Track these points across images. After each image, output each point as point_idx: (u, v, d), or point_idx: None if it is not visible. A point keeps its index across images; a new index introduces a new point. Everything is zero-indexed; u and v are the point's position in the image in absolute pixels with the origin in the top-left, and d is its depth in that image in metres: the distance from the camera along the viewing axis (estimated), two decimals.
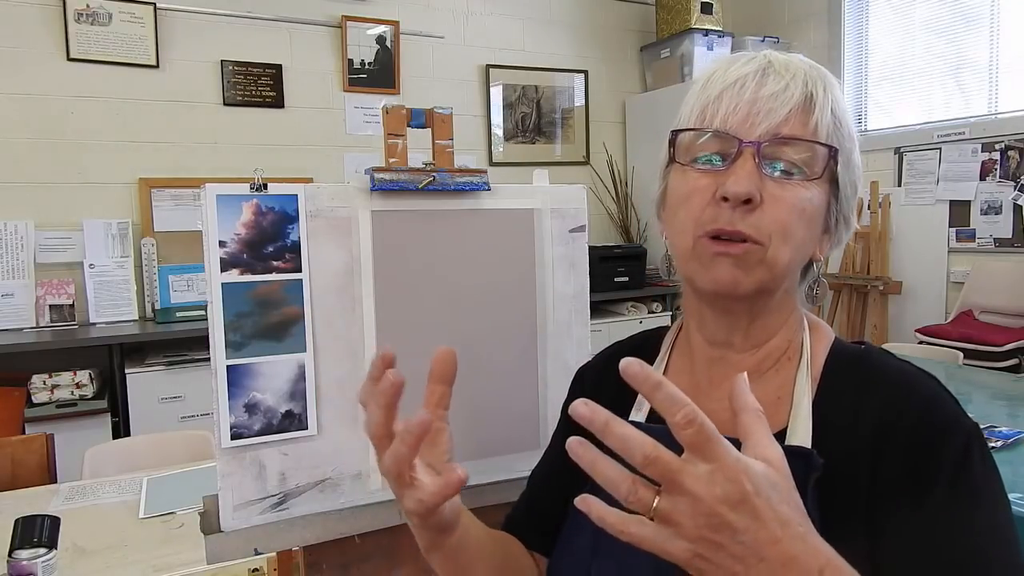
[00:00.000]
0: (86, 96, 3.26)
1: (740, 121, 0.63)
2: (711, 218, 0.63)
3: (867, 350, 0.68)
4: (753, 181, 0.61)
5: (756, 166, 0.62)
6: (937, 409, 0.61)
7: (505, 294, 0.98)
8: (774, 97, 0.62)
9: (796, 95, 0.63)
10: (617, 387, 0.77)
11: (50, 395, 2.80)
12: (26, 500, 1.62)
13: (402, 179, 0.90)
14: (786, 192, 0.62)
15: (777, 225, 0.62)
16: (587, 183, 4.31)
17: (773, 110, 0.62)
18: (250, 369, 0.85)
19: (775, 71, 0.64)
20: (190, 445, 2.06)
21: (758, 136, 0.62)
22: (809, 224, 0.64)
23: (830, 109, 0.64)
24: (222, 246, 0.83)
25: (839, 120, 0.65)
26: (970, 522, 0.56)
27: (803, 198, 0.63)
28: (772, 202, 0.62)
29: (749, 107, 0.63)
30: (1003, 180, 3.59)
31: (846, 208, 0.67)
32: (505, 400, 0.97)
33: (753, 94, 0.63)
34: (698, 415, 0.45)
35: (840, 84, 0.68)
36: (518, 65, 4.31)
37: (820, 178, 0.63)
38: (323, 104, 3.77)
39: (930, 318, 3.80)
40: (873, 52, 4.21)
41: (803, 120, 0.63)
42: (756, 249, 0.62)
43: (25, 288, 3.11)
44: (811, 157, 0.63)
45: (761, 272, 0.63)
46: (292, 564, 0.92)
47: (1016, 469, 1.54)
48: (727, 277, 0.63)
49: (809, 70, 0.65)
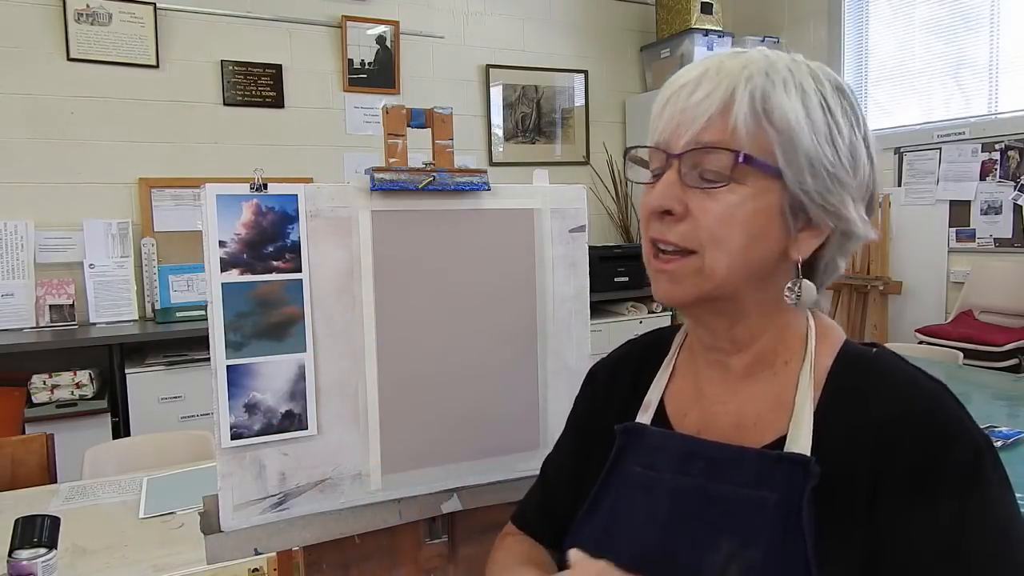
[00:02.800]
0: (86, 96, 3.26)
1: (671, 133, 0.64)
2: (652, 230, 0.66)
3: (878, 354, 0.66)
4: (672, 192, 0.63)
5: (677, 178, 0.63)
6: (945, 419, 0.59)
7: (505, 294, 0.98)
8: (697, 105, 0.62)
9: (715, 100, 0.61)
10: (628, 387, 0.78)
11: (50, 395, 2.79)
12: (26, 500, 1.62)
13: (402, 179, 0.90)
14: (714, 201, 0.62)
15: (707, 233, 0.62)
16: (587, 183, 4.31)
17: (695, 118, 0.62)
18: (250, 369, 0.85)
19: (709, 77, 0.62)
20: (190, 445, 2.05)
21: (681, 147, 0.63)
22: (746, 228, 0.62)
23: (747, 107, 0.61)
24: (222, 246, 0.83)
25: (768, 113, 0.61)
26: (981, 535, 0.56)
27: (731, 203, 0.61)
28: (701, 212, 0.62)
29: (679, 117, 0.63)
30: (1003, 180, 3.59)
31: (817, 198, 0.62)
32: (505, 400, 0.97)
33: (684, 103, 0.63)
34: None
35: None
36: (518, 65, 4.31)
37: (730, 183, 0.61)
38: (323, 104, 3.77)
39: (930, 318, 3.80)
40: (873, 52, 4.21)
41: (721, 125, 0.61)
42: (691, 259, 0.63)
43: (25, 288, 3.11)
44: (722, 163, 0.61)
45: (698, 281, 0.63)
46: (292, 564, 0.92)
47: (1016, 469, 1.54)
48: (663, 291, 0.66)
49: (743, 70, 0.62)
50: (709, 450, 0.66)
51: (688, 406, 0.73)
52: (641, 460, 0.70)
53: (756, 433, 0.66)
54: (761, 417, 0.67)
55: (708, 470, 0.65)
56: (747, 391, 0.69)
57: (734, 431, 0.67)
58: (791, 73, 0.63)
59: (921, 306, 3.91)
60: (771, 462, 0.62)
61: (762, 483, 0.61)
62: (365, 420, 0.90)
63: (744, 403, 0.68)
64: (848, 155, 0.63)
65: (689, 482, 0.65)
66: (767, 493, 0.61)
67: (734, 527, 0.61)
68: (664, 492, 0.67)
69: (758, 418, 0.67)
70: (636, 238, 4.43)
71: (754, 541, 0.60)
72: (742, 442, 0.66)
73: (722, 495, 0.63)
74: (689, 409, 0.72)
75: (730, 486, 0.63)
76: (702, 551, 0.62)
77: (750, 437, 0.66)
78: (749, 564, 0.59)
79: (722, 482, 0.64)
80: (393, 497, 0.92)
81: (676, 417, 0.73)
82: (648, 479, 0.68)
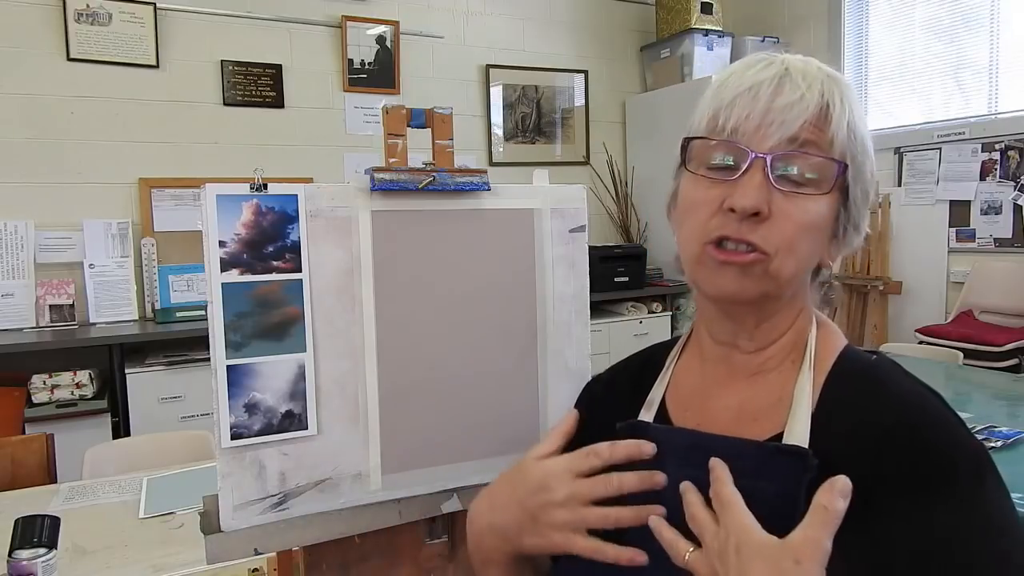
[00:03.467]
0: (86, 96, 3.26)
1: (752, 130, 0.62)
2: (718, 226, 0.63)
3: (879, 361, 0.67)
4: (762, 194, 0.61)
5: (765, 179, 0.61)
6: (947, 430, 0.60)
7: (505, 294, 0.98)
8: (789, 107, 0.61)
9: (811, 106, 0.61)
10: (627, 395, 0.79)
11: (50, 395, 2.80)
12: (26, 500, 1.62)
13: (402, 179, 0.90)
14: (795, 206, 0.62)
15: (784, 239, 0.62)
16: (587, 183, 4.31)
17: (787, 121, 0.61)
18: (250, 369, 0.84)
19: (791, 79, 0.62)
20: (190, 445, 2.06)
21: (769, 148, 0.61)
22: (816, 236, 0.64)
23: (847, 122, 0.63)
24: (222, 246, 0.83)
25: (854, 132, 0.64)
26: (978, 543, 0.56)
27: (811, 211, 0.62)
28: (781, 216, 0.62)
29: (762, 116, 0.62)
30: (1003, 180, 3.59)
31: (856, 216, 0.66)
32: (505, 400, 0.97)
33: (767, 103, 0.62)
34: (728, 494, 0.59)
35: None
36: (518, 65, 4.31)
37: (830, 191, 0.63)
38: (323, 104, 3.77)
39: (930, 318, 3.80)
40: (873, 52, 4.21)
41: (817, 132, 0.62)
42: (762, 259, 0.62)
43: (25, 288, 3.11)
44: (821, 171, 0.62)
45: (765, 282, 0.63)
46: (292, 564, 0.92)
47: (1016, 469, 1.54)
48: (732, 285, 0.64)
49: (827, 79, 0.64)
50: (710, 442, 0.67)
51: (689, 402, 0.74)
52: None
53: (757, 427, 0.67)
54: (762, 412, 0.68)
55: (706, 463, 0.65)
56: (751, 389, 0.69)
57: (734, 425, 0.68)
58: (853, 88, 0.66)
59: (921, 306, 3.91)
60: (770, 454, 0.63)
61: (761, 474, 0.62)
62: (365, 420, 0.90)
63: (746, 400, 0.69)
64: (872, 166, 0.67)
65: (690, 474, 0.66)
66: (765, 484, 0.61)
67: None
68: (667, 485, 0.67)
69: (758, 413, 0.68)
70: (636, 238, 4.43)
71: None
72: (741, 436, 0.66)
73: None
74: (689, 405, 0.73)
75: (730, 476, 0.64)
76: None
77: (750, 431, 0.67)
78: None
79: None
80: (393, 497, 0.92)
81: (676, 413, 0.74)
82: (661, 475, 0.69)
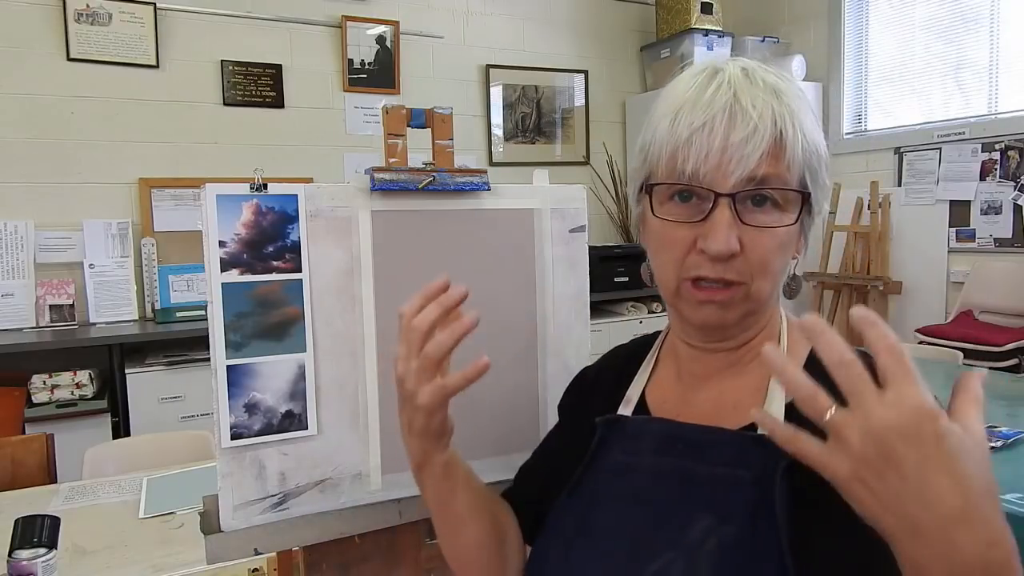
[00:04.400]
0: (86, 96, 3.26)
1: (712, 169, 0.62)
2: (693, 265, 0.65)
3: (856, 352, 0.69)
4: (732, 233, 0.62)
5: (733, 217, 0.62)
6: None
7: (505, 294, 0.98)
8: (744, 142, 0.61)
9: (766, 137, 0.62)
10: (611, 387, 0.80)
11: (50, 395, 2.79)
12: (26, 500, 1.62)
13: (402, 179, 0.90)
14: (765, 236, 0.63)
15: (759, 266, 0.64)
16: (587, 183, 4.31)
17: (744, 157, 0.61)
18: (250, 369, 0.85)
19: (742, 110, 0.62)
20: (190, 445, 2.05)
21: (732, 186, 0.62)
22: (787, 251, 0.66)
23: (800, 145, 0.63)
24: (222, 246, 0.83)
25: (809, 149, 0.64)
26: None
27: (780, 235, 0.64)
28: (752, 248, 0.63)
29: (720, 155, 0.62)
30: (1003, 180, 3.59)
31: (817, 208, 0.68)
32: (505, 400, 0.97)
33: (723, 140, 0.62)
34: (901, 349, 0.45)
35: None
36: (518, 65, 4.30)
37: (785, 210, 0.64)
38: (323, 104, 3.77)
39: (930, 318, 3.80)
40: (873, 52, 4.21)
41: (774, 162, 0.63)
42: (739, 289, 0.65)
43: (25, 288, 3.11)
44: (785, 202, 0.64)
45: (746, 305, 0.66)
46: (292, 564, 0.92)
47: (1016, 469, 1.54)
48: (714, 318, 0.66)
49: (776, 102, 0.63)
50: (687, 431, 0.68)
51: (667, 397, 0.75)
52: (623, 448, 0.72)
53: (736, 415, 0.68)
54: (739, 403, 0.69)
55: (686, 451, 0.67)
56: (726, 382, 0.71)
57: (714, 415, 0.70)
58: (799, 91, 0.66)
59: (921, 306, 3.91)
60: (747, 442, 0.64)
61: (738, 462, 0.63)
62: (365, 420, 0.90)
63: (723, 391, 0.71)
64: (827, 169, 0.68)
65: (668, 462, 0.67)
66: (743, 472, 0.63)
67: (711, 504, 0.63)
68: (644, 472, 0.69)
69: (736, 403, 0.69)
70: (636, 238, 4.40)
71: (730, 517, 0.62)
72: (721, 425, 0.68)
73: (700, 474, 0.65)
74: (668, 398, 0.75)
75: (707, 465, 0.65)
76: (680, 527, 0.63)
77: (729, 420, 0.68)
78: (724, 538, 0.61)
79: (700, 462, 0.66)
80: (393, 497, 0.92)
81: (655, 407, 0.75)
82: (629, 463, 0.70)
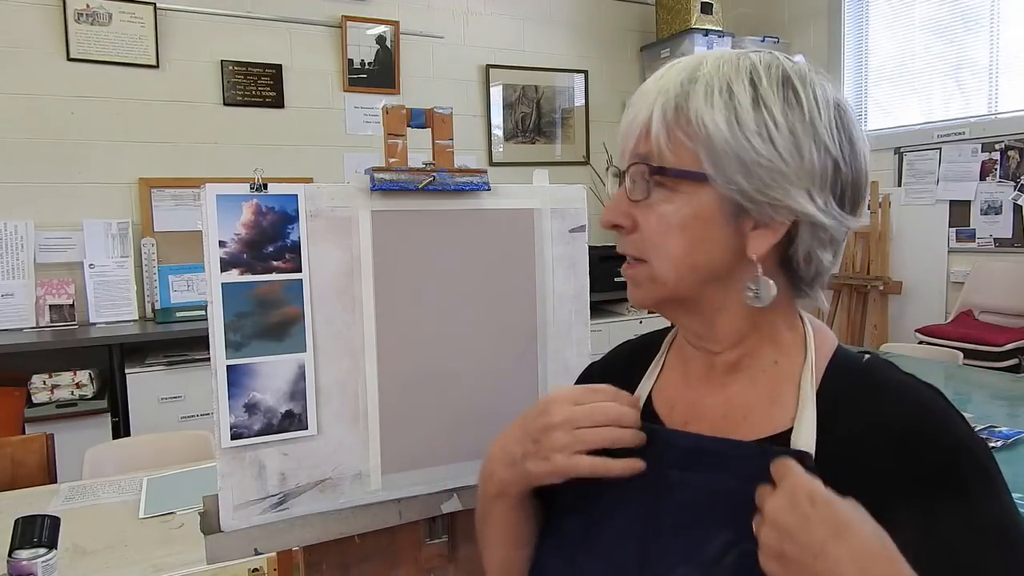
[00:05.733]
0: (86, 96, 3.26)
1: (621, 151, 0.69)
2: (616, 242, 0.70)
3: (873, 361, 0.68)
4: (620, 207, 0.67)
5: (623, 193, 0.67)
6: (949, 428, 0.61)
7: (505, 294, 0.98)
8: (630, 124, 0.67)
9: (640, 118, 0.66)
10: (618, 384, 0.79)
11: (50, 395, 2.80)
12: (26, 500, 1.62)
13: (402, 179, 0.90)
14: (652, 212, 0.66)
15: (650, 243, 0.66)
16: (587, 183, 4.31)
17: (629, 135, 0.67)
18: (250, 369, 0.85)
19: (640, 96, 0.67)
20: (190, 445, 2.05)
21: (624, 164, 0.68)
22: (684, 234, 0.64)
23: (659, 123, 0.63)
24: (222, 246, 0.83)
25: (683, 123, 0.62)
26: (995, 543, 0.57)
27: (666, 213, 0.65)
28: (644, 224, 0.66)
29: (622, 138, 0.68)
30: (1003, 180, 3.59)
31: (757, 196, 0.61)
32: (505, 400, 0.97)
33: (625, 124, 0.68)
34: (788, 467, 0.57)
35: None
36: (518, 65, 4.31)
37: (677, 191, 0.63)
38: (323, 104, 3.77)
39: (930, 318, 3.80)
40: (873, 52, 4.21)
41: (647, 141, 0.65)
42: (642, 267, 0.67)
43: (25, 288, 3.11)
44: (644, 175, 0.66)
45: (653, 286, 0.68)
46: (292, 564, 0.92)
47: (1016, 469, 1.54)
48: (632, 297, 0.71)
49: (661, 93, 0.64)
50: (712, 445, 0.67)
51: (674, 400, 0.74)
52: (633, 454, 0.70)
53: (747, 426, 0.67)
54: (751, 411, 0.68)
55: (711, 465, 0.66)
56: (734, 386, 0.70)
57: (722, 422, 0.69)
58: (718, 77, 0.63)
59: (921, 306, 3.91)
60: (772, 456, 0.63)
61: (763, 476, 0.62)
62: (365, 420, 0.90)
63: (731, 397, 0.70)
64: (790, 146, 0.61)
65: (692, 476, 0.67)
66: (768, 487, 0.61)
67: (733, 519, 0.62)
68: (662, 485, 0.68)
69: (748, 412, 0.68)
70: None
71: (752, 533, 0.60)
72: (730, 435, 0.67)
73: (722, 487, 0.65)
74: (675, 403, 0.74)
75: (730, 478, 0.64)
76: (698, 541, 0.63)
77: (739, 429, 0.67)
78: (745, 554, 0.60)
79: (723, 475, 0.65)
80: (393, 497, 0.92)
81: (663, 411, 0.74)
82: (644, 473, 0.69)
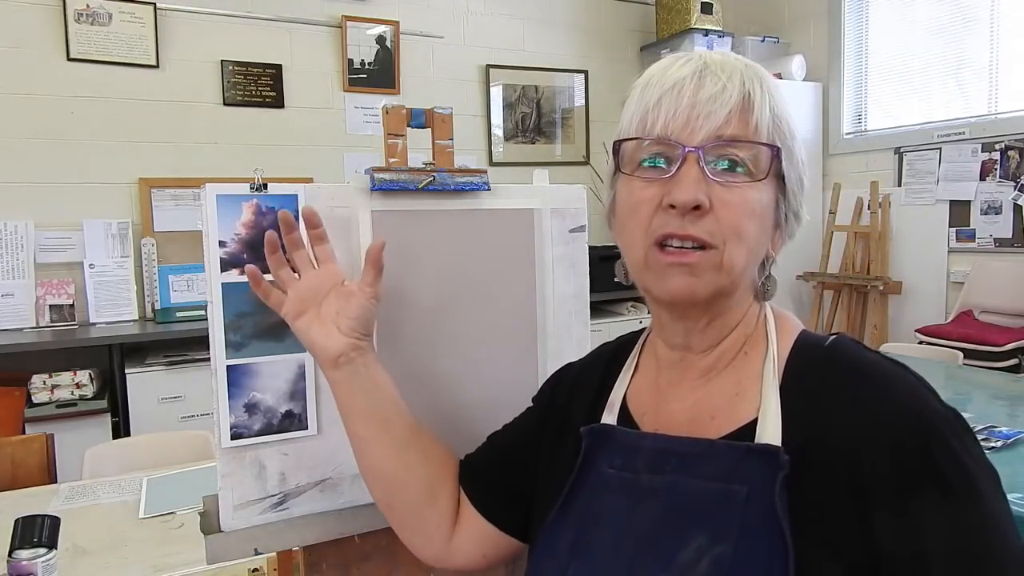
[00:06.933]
0: (86, 96, 3.26)
1: (681, 126, 0.63)
2: (660, 225, 0.63)
3: (837, 341, 0.67)
4: (700, 187, 0.61)
5: (701, 172, 0.62)
6: (918, 404, 0.60)
7: (505, 294, 0.98)
8: (712, 99, 0.62)
9: (734, 96, 0.62)
10: (594, 390, 0.78)
11: (50, 395, 2.80)
12: (26, 500, 1.62)
13: (402, 179, 0.90)
14: (734, 195, 0.62)
15: (730, 227, 0.62)
16: (587, 183, 4.30)
17: (712, 113, 0.62)
18: (250, 369, 0.85)
19: (711, 72, 0.63)
20: (190, 445, 2.05)
21: (700, 141, 0.62)
22: (761, 223, 0.64)
23: (768, 107, 0.63)
24: (222, 246, 0.83)
25: (779, 117, 0.64)
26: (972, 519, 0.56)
27: (752, 199, 0.63)
28: (722, 206, 0.62)
29: (689, 111, 0.63)
30: (1003, 180, 3.59)
31: (795, 203, 0.67)
32: (504, 400, 0.97)
33: (691, 98, 0.62)
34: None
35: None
36: (518, 65, 4.31)
37: (766, 178, 0.63)
38: (323, 104, 3.77)
39: (930, 318, 3.80)
40: (873, 52, 4.21)
41: (743, 120, 0.63)
42: (711, 254, 0.62)
43: (25, 288, 3.11)
44: (755, 157, 0.63)
45: (717, 277, 0.63)
46: (292, 564, 0.92)
47: (1016, 469, 1.54)
48: (682, 286, 0.63)
49: (745, 69, 0.65)
50: (680, 446, 0.66)
51: (647, 404, 0.73)
52: (612, 461, 0.70)
53: (713, 426, 0.66)
54: (718, 410, 0.67)
55: (680, 467, 0.65)
56: (706, 388, 0.69)
57: (690, 425, 0.68)
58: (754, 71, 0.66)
59: (921, 306, 3.91)
60: (740, 454, 0.62)
61: (733, 477, 0.61)
62: None
63: (701, 399, 0.69)
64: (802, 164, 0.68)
65: (662, 480, 0.65)
66: (738, 486, 0.61)
67: (705, 522, 0.61)
68: (638, 492, 0.66)
69: (715, 411, 0.67)
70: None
71: (725, 535, 0.59)
72: (700, 435, 0.66)
73: (693, 490, 0.63)
74: (647, 407, 0.73)
75: (701, 481, 0.63)
76: (672, 547, 0.62)
77: (707, 429, 0.66)
78: (720, 558, 0.59)
79: (694, 477, 0.64)
80: None
81: (637, 415, 0.73)
82: (622, 480, 0.68)
